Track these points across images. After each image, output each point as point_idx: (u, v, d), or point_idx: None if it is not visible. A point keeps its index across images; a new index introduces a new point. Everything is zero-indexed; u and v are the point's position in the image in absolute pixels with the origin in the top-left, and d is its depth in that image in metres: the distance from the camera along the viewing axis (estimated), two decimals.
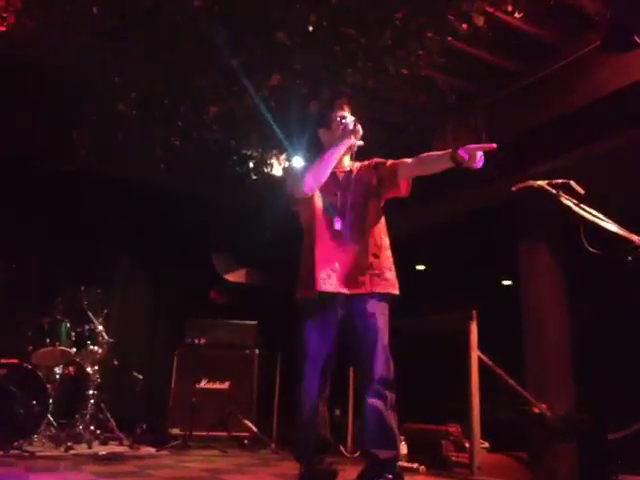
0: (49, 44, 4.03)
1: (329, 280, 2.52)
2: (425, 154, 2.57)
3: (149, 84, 4.24)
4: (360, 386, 2.47)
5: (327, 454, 2.60)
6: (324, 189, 2.68)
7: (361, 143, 2.73)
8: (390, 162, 2.71)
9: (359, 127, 2.68)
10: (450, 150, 2.38)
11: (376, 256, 2.61)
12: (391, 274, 2.63)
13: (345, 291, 2.52)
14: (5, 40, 3.93)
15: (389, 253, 2.67)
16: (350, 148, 2.73)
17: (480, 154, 2.33)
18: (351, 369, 4.79)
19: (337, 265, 2.54)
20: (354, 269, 2.55)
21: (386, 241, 2.69)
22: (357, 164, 2.82)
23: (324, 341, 2.51)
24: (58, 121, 4.95)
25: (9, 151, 5.42)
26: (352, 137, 2.65)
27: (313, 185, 2.59)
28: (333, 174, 2.68)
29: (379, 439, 2.37)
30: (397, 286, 2.64)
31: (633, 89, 3.92)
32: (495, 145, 2.34)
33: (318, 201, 2.68)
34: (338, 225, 2.60)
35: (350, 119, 2.74)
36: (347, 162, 2.80)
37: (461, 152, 2.33)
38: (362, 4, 3.73)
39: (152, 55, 4.01)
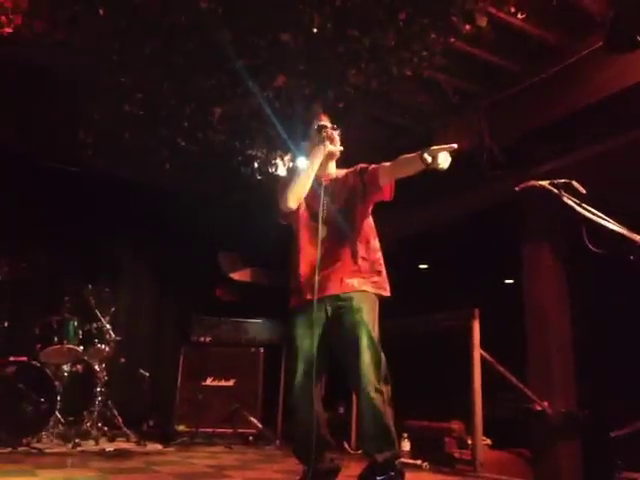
0: (55, 45, 4.06)
1: (317, 287, 2.52)
2: (401, 157, 2.56)
3: (155, 85, 4.27)
4: (352, 383, 2.44)
5: (328, 452, 2.62)
6: (310, 198, 2.71)
7: (340, 148, 2.77)
8: (372, 167, 2.70)
9: (333, 133, 2.74)
10: (419, 152, 2.38)
11: (364, 259, 2.62)
12: (380, 277, 2.63)
13: (332, 293, 2.55)
14: (11, 41, 3.97)
15: (379, 255, 2.68)
16: (332, 155, 2.77)
17: (444, 155, 2.29)
18: None
19: (324, 271, 2.55)
20: (342, 273, 2.57)
21: (375, 244, 2.70)
22: (343, 171, 2.84)
23: (313, 342, 2.51)
24: (65, 121, 4.99)
25: (17, 151, 5.46)
26: (327, 143, 2.70)
27: (294, 200, 2.64)
28: (319, 182, 2.71)
29: (377, 441, 2.37)
30: (387, 288, 2.64)
31: (636, 89, 3.93)
32: (456, 145, 2.31)
33: (304, 210, 2.72)
34: (324, 233, 2.62)
35: (325, 126, 2.78)
36: (333, 169, 2.84)
37: (425, 154, 2.32)
38: (366, 5, 3.75)
39: (158, 56, 4.04)
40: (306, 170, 2.69)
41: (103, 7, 3.79)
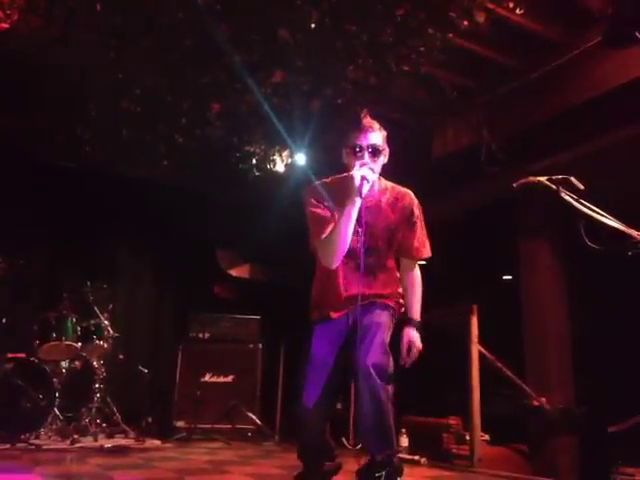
0: (53, 41, 4.04)
1: (345, 309, 2.50)
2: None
3: (153, 81, 4.26)
4: (358, 378, 2.35)
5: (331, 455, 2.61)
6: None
7: (371, 175, 2.41)
8: (410, 242, 2.55)
9: (368, 177, 2.36)
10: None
11: (393, 290, 2.58)
12: (399, 307, 2.60)
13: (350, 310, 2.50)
14: (9, 37, 3.96)
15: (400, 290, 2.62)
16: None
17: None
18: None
19: (353, 296, 2.44)
20: (371, 298, 2.50)
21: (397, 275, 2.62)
22: (382, 187, 2.56)
23: (331, 351, 2.46)
24: (62, 118, 4.98)
25: (15, 148, 5.45)
26: (361, 193, 2.34)
27: (336, 262, 2.42)
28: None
29: (377, 439, 2.33)
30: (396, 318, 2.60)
31: (634, 85, 3.93)
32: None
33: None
34: (360, 262, 2.38)
35: (360, 172, 2.36)
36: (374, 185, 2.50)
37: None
38: (364, 1, 3.74)
39: (156, 52, 4.03)
40: (343, 224, 2.34)
41: (100, 3, 3.78)
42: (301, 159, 4.55)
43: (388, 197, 2.55)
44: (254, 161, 5.03)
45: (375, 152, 2.43)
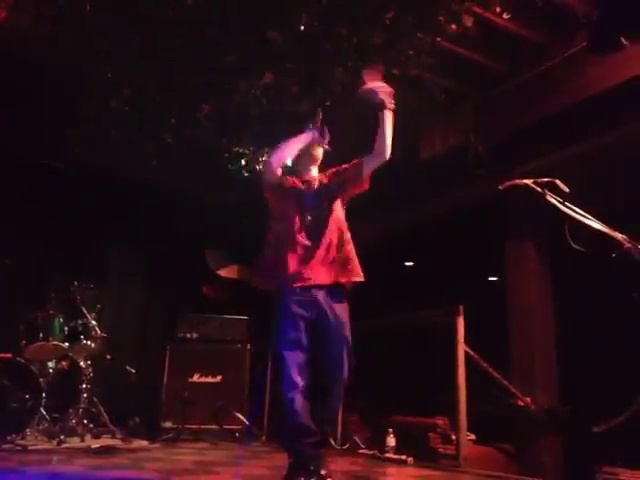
0: (42, 40, 4.03)
1: (301, 275, 2.73)
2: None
3: (142, 81, 4.26)
4: (326, 380, 2.67)
5: (313, 442, 2.64)
6: (295, 196, 2.91)
7: (326, 147, 2.97)
8: (348, 165, 2.96)
9: (325, 129, 2.94)
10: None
11: (339, 250, 2.82)
12: (353, 263, 2.82)
13: (314, 282, 2.73)
14: None
15: (350, 246, 2.88)
16: (315, 159, 2.99)
17: (377, 85, 2.80)
18: None
19: (306, 262, 2.75)
20: (321, 264, 2.76)
21: (347, 235, 2.90)
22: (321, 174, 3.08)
23: (299, 333, 2.68)
24: (51, 118, 4.95)
25: (2, 148, 5.41)
26: (314, 133, 2.91)
27: (274, 167, 2.87)
28: (304, 182, 2.97)
29: (328, 426, 2.74)
30: (361, 273, 2.82)
31: (619, 89, 3.98)
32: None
33: (291, 207, 2.89)
34: (305, 226, 2.82)
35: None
36: (315, 173, 3.04)
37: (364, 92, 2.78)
38: (353, 4, 3.77)
39: (145, 52, 4.03)
40: (288, 142, 2.90)
41: (89, 2, 3.77)
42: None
43: (322, 175, 3.05)
44: (243, 162, 5.04)
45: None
